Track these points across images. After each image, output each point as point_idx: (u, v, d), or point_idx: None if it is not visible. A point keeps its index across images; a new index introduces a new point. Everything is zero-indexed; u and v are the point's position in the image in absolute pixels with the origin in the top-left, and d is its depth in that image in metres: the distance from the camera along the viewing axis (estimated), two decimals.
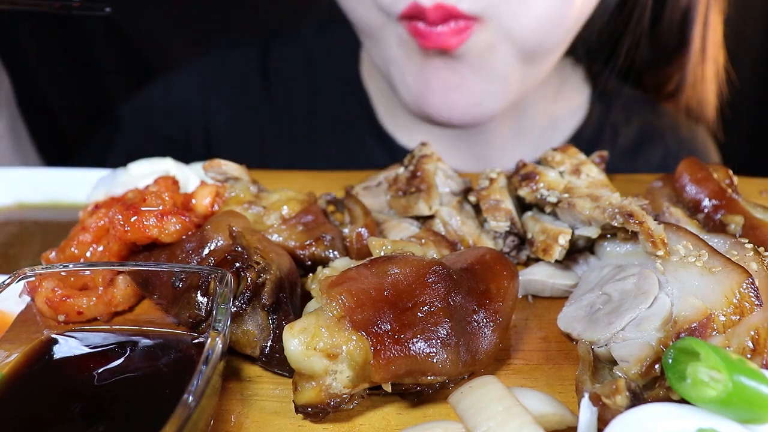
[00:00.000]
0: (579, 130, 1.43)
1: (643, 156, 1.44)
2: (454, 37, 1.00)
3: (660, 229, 0.76)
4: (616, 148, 1.42)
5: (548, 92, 1.40)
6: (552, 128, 1.42)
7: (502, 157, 1.40)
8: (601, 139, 1.42)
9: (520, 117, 1.38)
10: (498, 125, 1.36)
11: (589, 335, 0.73)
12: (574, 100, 1.45)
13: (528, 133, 1.40)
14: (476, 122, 1.13)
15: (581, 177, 0.94)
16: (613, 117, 1.45)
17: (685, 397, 0.57)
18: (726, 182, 0.95)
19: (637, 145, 1.44)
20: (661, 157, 1.45)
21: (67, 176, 1.20)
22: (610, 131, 1.43)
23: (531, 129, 1.40)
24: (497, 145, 1.39)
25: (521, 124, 1.39)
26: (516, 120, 1.38)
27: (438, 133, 1.36)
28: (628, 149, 1.44)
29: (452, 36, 0.99)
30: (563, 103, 1.43)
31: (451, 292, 0.69)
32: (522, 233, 0.93)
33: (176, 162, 1.04)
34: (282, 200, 0.90)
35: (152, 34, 1.95)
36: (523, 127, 1.39)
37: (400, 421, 0.68)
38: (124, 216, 0.82)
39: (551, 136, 1.42)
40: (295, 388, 0.65)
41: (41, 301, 0.77)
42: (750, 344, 0.64)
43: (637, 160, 1.43)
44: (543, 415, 0.61)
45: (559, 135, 1.42)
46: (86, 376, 0.67)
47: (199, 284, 0.74)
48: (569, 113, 1.43)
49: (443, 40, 1.00)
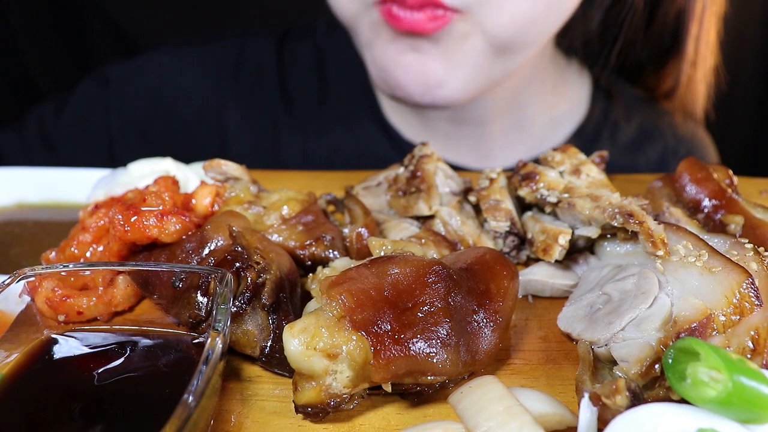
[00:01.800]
0: (580, 128, 1.43)
1: (643, 154, 1.45)
2: (431, 23, 1.02)
3: (660, 229, 0.76)
4: (617, 145, 1.43)
5: (547, 89, 1.41)
6: (552, 125, 1.43)
7: (502, 154, 1.41)
8: (601, 137, 1.43)
9: (519, 113, 1.39)
10: (496, 121, 1.37)
11: (589, 335, 0.73)
12: (575, 97, 1.46)
13: (528, 129, 1.42)
14: (438, 104, 1.15)
15: (581, 177, 0.94)
16: (613, 115, 1.46)
17: (685, 397, 0.57)
18: (726, 182, 0.95)
19: (637, 143, 1.46)
20: (660, 155, 1.46)
21: (67, 176, 1.20)
22: (611, 129, 1.44)
23: (531, 126, 1.42)
24: (497, 141, 1.40)
25: (520, 120, 1.40)
26: (515, 116, 1.39)
27: (439, 128, 1.38)
28: (628, 147, 1.45)
29: (429, 21, 1.02)
30: (563, 101, 1.44)
31: (451, 292, 0.69)
32: (522, 233, 0.93)
33: (176, 162, 1.04)
34: (282, 200, 0.90)
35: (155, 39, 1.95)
36: (523, 124, 1.41)
37: (400, 421, 0.68)
38: (124, 216, 0.82)
39: (552, 133, 1.43)
40: (295, 388, 0.65)
41: (41, 301, 0.77)
42: (750, 344, 0.64)
43: (637, 157, 1.44)
44: (543, 415, 0.61)
45: (559, 132, 1.43)
46: (86, 376, 0.67)
47: (199, 284, 0.74)
48: (569, 111, 1.45)
49: (417, 24, 1.02)
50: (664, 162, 1.45)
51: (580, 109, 1.45)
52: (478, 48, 1.09)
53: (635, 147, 1.45)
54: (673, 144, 1.47)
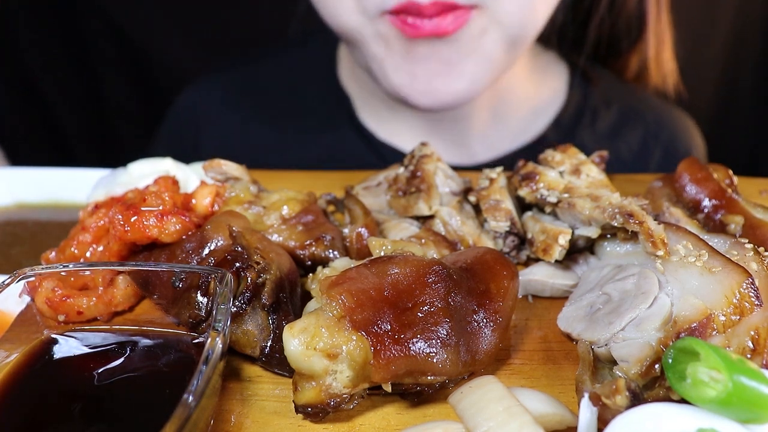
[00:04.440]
0: (559, 116, 1.45)
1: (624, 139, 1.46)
2: (452, 24, 1.04)
3: (660, 229, 0.76)
4: (597, 131, 1.45)
5: (526, 79, 1.42)
6: (533, 115, 1.44)
7: (482, 145, 1.42)
8: (581, 123, 1.45)
9: (499, 104, 1.40)
10: (477, 112, 1.38)
11: (589, 335, 0.73)
12: (553, 86, 1.47)
13: (508, 121, 1.43)
14: (458, 104, 1.17)
15: (581, 177, 0.94)
16: (592, 101, 1.47)
17: (685, 397, 0.57)
18: (726, 182, 0.95)
19: (617, 128, 1.47)
20: (642, 139, 1.47)
21: (67, 176, 1.20)
22: (591, 115, 1.46)
23: (510, 117, 1.43)
24: (477, 132, 1.41)
25: (500, 112, 1.41)
26: (495, 107, 1.40)
27: (417, 123, 1.39)
28: (609, 132, 1.46)
29: (450, 23, 1.04)
30: (542, 89, 1.46)
31: (451, 292, 0.69)
32: (522, 233, 0.93)
33: (176, 162, 1.04)
34: (282, 200, 0.90)
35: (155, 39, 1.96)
36: (503, 116, 1.42)
37: (400, 421, 0.68)
38: (124, 216, 0.82)
39: (532, 123, 1.44)
40: (295, 388, 0.65)
41: (41, 301, 0.77)
42: (750, 344, 0.64)
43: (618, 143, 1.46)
44: (543, 415, 0.61)
45: (539, 122, 1.44)
46: (86, 376, 0.67)
47: (199, 284, 0.74)
48: (549, 99, 1.46)
49: (438, 27, 1.03)
50: (647, 147, 1.47)
51: (559, 97, 1.46)
52: (495, 42, 1.11)
53: (616, 132, 1.46)
54: (654, 129, 1.49)
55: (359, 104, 1.44)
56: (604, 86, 1.49)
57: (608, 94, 1.49)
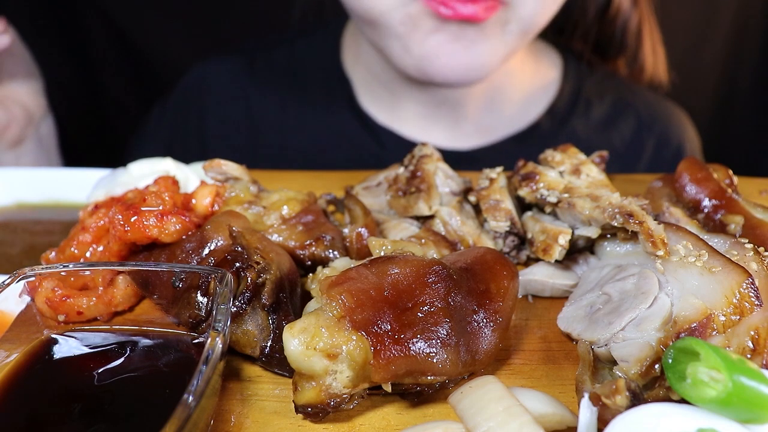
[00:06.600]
0: (553, 105, 1.47)
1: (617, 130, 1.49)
2: (487, 12, 1.15)
3: (660, 229, 0.76)
4: (590, 121, 1.48)
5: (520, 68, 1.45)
6: (527, 104, 1.47)
7: (476, 134, 1.45)
8: (574, 113, 1.48)
9: (495, 92, 1.44)
10: (473, 99, 1.42)
11: (589, 335, 0.73)
12: (547, 74, 1.50)
13: (502, 109, 1.46)
14: (473, 82, 1.26)
15: (581, 177, 0.94)
16: (586, 91, 1.50)
17: (685, 397, 0.57)
18: (726, 182, 0.95)
19: (610, 119, 1.50)
20: (634, 131, 1.50)
21: (67, 176, 1.20)
22: (584, 105, 1.49)
23: (505, 105, 1.46)
24: (472, 120, 1.45)
25: (495, 100, 1.44)
26: (490, 94, 1.43)
27: (415, 108, 1.44)
28: (602, 123, 1.49)
29: (485, 11, 1.14)
30: (537, 78, 1.49)
31: (451, 292, 0.69)
32: (522, 233, 0.93)
33: (176, 162, 1.04)
34: (282, 200, 0.90)
35: (155, 39, 1.97)
36: (497, 103, 1.45)
37: (400, 421, 0.68)
38: (124, 216, 0.82)
39: (526, 111, 1.47)
40: (295, 388, 0.65)
41: (41, 301, 0.77)
42: (750, 344, 0.64)
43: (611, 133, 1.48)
44: (543, 415, 0.61)
45: (533, 110, 1.47)
46: (86, 376, 0.67)
47: (199, 284, 0.74)
48: (543, 88, 1.49)
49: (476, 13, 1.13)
50: (640, 138, 1.49)
51: (553, 86, 1.49)
52: (513, 31, 1.21)
53: (609, 123, 1.49)
54: (647, 120, 1.51)
55: (361, 90, 1.49)
56: (597, 77, 1.53)
57: (602, 85, 1.52)
